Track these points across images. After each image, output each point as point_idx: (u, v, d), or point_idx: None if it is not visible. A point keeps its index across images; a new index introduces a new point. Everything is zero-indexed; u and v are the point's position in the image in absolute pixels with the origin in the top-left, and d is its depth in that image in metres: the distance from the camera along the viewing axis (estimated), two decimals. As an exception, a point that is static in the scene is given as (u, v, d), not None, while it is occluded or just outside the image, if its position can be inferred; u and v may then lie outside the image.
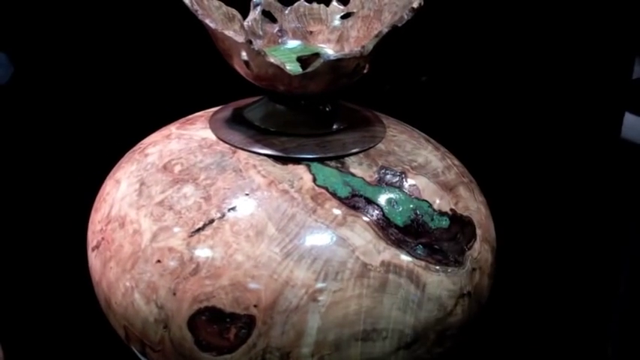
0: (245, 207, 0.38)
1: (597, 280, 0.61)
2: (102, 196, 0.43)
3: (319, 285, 0.36)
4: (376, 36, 0.38)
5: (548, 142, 0.71)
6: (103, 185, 0.44)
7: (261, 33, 0.45)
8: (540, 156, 0.71)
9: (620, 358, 0.56)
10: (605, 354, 0.56)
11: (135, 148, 0.45)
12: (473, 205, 0.42)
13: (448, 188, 0.41)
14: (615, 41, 0.69)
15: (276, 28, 0.45)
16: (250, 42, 0.38)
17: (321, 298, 0.36)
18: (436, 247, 0.38)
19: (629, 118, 0.76)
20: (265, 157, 0.40)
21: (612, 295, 0.62)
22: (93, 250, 0.42)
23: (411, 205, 0.39)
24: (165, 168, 0.41)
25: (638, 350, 0.55)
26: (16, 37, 0.70)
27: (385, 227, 0.38)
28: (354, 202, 0.38)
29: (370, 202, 0.38)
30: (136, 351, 0.40)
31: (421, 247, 0.38)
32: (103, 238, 0.41)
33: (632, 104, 0.78)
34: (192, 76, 0.68)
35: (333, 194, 0.38)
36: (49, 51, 0.69)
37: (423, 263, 0.38)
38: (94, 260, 0.41)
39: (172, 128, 0.45)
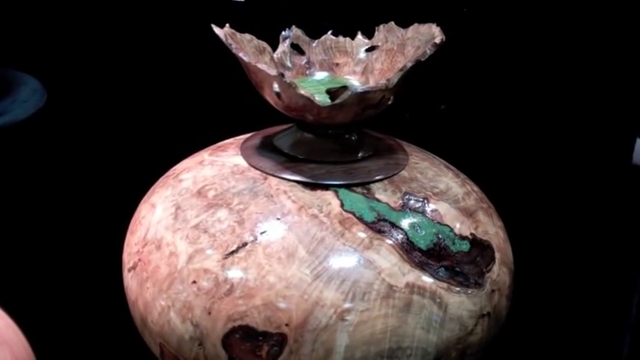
0: (276, 231, 0.39)
1: (611, 302, 0.62)
2: (137, 219, 0.45)
3: (347, 305, 0.37)
4: (401, 70, 0.40)
5: (562, 168, 0.72)
6: (138, 209, 0.45)
7: (289, 65, 0.46)
8: (555, 182, 0.71)
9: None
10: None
11: (169, 173, 0.46)
12: (492, 229, 0.43)
13: (468, 213, 0.43)
14: (628, 68, 0.70)
15: (304, 60, 0.46)
16: (282, 75, 0.39)
17: (349, 317, 0.37)
18: (457, 269, 0.40)
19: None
20: (295, 184, 0.41)
21: (627, 316, 0.62)
22: (129, 271, 0.43)
23: (434, 230, 0.40)
24: (200, 193, 0.42)
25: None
26: (49, 64, 0.71)
27: (409, 250, 0.39)
28: (380, 226, 0.40)
29: (395, 226, 0.40)
30: (170, 368, 0.41)
31: (443, 269, 0.39)
32: (139, 260, 0.42)
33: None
34: (222, 104, 0.69)
35: (360, 219, 0.40)
36: (83, 77, 0.71)
37: (445, 285, 0.39)
38: (130, 281, 0.42)
39: (205, 155, 0.46)
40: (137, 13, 0.68)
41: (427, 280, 0.39)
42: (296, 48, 0.47)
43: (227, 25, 0.43)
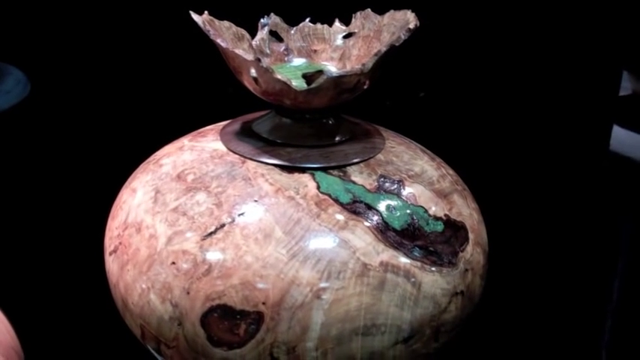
0: (254, 212, 0.40)
1: (585, 285, 0.63)
2: (118, 204, 0.45)
3: (323, 284, 0.38)
4: (375, 54, 0.41)
5: (540, 153, 0.72)
6: (120, 194, 0.46)
7: (268, 51, 0.47)
8: (532, 167, 0.72)
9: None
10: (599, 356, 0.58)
11: (149, 159, 0.47)
12: (466, 211, 0.44)
13: (443, 195, 0.43)
14: (605, 55, 0.71)
15: (283, 47, 0.47)
16: (259, 60, 0.40)
17: (324, 295, 0.38)
18: (431, 249, 0.40)
19: (617, 132, 0.78)
20: (272, 167, 0.42)
21: (607, 301, 0.63)
22: (110, 254, 0.43)
23: (408, 211, 0.41)
24: (179, 177, 0.43)
25: (632, 350, 0.57)
26: (33, 55, 0.72)
27: (384, 231, 0.40)
28: (355, 207, 0.40)
29: (370, 207, 0.41)
30: (151, 349, 0.42)
31: (417, 249, 0.40)
32: (120, 243, 0.43)
33: (620, 118, 0.80)
34: (202, 92, 0.70)
35: (336, 200, 0.40)
36: (66, 68, 0.71)
37: (418, 264, 0.40)
38: (112, 264, 0.43)
39: (185, 140, 0.47)
40: (118, 4, 0.69)
41: (401, 259, 0.39)
42: (274, 35, 0.47)
43: (206, 12, 0.44)
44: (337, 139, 0.44)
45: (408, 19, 0.44)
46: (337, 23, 0.48)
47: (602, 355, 0.58)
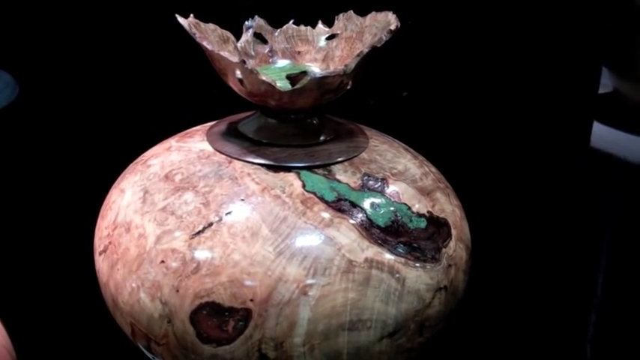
0: (241, 211, 0.40)
1: (569, 279, 0.64)
2: (108, 204, 0.46)
3: (309, 280, 0.38)
4: (358, 55, 0.41)
5: (521, 150, 0.73)
6: (108, 195, 0.46)
7: (253, 53, 0.47)
8: (513, 164, 0.73)
9: (600, 354, 0.58)
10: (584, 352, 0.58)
11: (137, 160, 0.48)
12: (448, 207, 0.45)
13: (425, 193, 0.44)
14: (582, 56, 0.72)
15: (267, 49, 0.48)
16: (244, 62, 0.41)
17: (310, 292, 0.38)
18: (415, 245, 0.41)
19: (597, 128, 0.79)
20: (259, 166, 0.42)
21: (585, 293, 0.64)
22: (100, 254, 0.44)
23: (392, 208, 0.42)
24: (167, 177, 0.43)
25: (616, 344, 0.58)
26: (21, 57, 0.72)
27: (368, 228, 0.41)
28: (340, 205, 0.41)
29: (354, 205, 0.41)
30: (141, 347, 0.42)
31: (401, 245, 0.41)
32: (110, 243, 0.43)
33: (600, 115, 0.81)
34: (189, 93, 0.70)
35: (321, 199, 0.41)
36: (54, 70, 0.71)
37: (402, 260, 0.40)
38: (102, 263, 0.44)
39: (172, 141, 0.47)
40: (106, 7, 0.69)
41: (385, 255, 0.40)
42: (259, 37, 0.48)
43: (191, 15, 0.44)
44: (322, 138, 0.45)
45: (390, 20, 0.44)
46: (320, 25, 0.48)
47: (586, 350, 0.58)
